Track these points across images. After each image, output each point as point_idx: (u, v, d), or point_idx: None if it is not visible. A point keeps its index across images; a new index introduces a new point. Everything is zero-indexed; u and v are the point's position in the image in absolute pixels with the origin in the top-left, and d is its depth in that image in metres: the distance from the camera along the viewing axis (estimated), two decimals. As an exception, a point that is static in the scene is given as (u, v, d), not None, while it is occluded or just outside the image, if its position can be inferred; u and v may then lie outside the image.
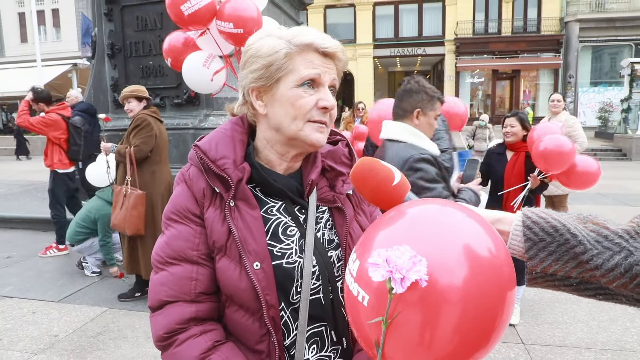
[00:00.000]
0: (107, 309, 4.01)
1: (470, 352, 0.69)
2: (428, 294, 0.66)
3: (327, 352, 1.04)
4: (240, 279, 0.96)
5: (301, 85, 0.96)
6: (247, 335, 1.01)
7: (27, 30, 26.57)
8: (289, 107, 0.97)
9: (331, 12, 25.90)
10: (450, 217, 0.76)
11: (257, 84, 1.00)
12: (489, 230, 0.75)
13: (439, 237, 0.71)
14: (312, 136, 0.98)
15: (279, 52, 0.96)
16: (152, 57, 6.23)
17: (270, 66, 0.97)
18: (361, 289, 0.72)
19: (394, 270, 0.64)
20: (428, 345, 0.67)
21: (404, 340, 0.68)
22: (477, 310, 0.67)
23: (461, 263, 0.68)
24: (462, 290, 0.67)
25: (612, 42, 23.05)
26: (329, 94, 0.98)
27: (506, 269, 0.72)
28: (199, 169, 1.02)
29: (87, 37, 14.81)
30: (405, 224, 0.77)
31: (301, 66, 0.96)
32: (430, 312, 0.66)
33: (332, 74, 1.00)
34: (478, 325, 0.68)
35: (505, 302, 0.71)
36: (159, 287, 1.00)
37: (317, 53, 0.98)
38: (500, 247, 0.73)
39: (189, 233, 1.00)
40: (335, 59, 1.01)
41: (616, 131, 17.61)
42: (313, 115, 0.97)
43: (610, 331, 3.52)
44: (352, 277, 0.76)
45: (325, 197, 1.07)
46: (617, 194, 9.08)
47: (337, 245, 1.06)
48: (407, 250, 0.65)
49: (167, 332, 0.98)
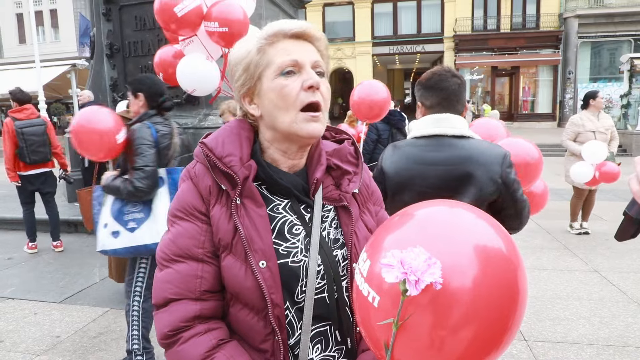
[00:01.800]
0: (109, 310, 4.01)
1: (482, 355, 0.68)
2: (439, 296, 0.65)
3: (331, 352, 1.04)
4: (245, 277, 0.96)
5: (281, 74, 0.96)
6: (252, 334, 1.00)
7: (25, 31, 26.52)
8: (276, 98, 0.97)
9: (330, 10, 25.86)
10: (460, 218, 0.75)
11: (244, 88, 1.02)
12: (499, 230, 0.74)
13: (450, 238, 0.70)
14: (305, 128, 0.97)
15: (251, 51, 0.99)
16: (150, 56, 6.20)
17: (248, 67, 0.99)
18: (372, 289, 0.72)
19: (409, 272, 0.63)
20: (439, 348, 0.66)
21: (414, 343, 0.68)
22: (489, 312, 0.66)
23: (473, 265, 0.67)
24: (473, 292, 0.66)
25: (611, 38, 23.03)
26: (312, 73, 0.97)
27: (518, 270, 0.71)
28: (205, 166, 1.02)
29: (85, 37, 14.79)
30: (416, 225, 0.76)
31: (275, 57, 0.97)
32: (442, 315, 0.66)
33: (312, 55, 0.99)
34: (490, 327, 0.67)
35: (518, 303, 0.70)
36: (164, 284, 0.99)
37: (288, 38, 0.98)
38: (510, 248, 0.72)
39: (195, 230, 1.00)
40: (310, 39, 1.01)
41: (616, 127, 17.60)
42: (302, 99, 0.95)
43: (613, 327, 3.52)
44: (362, 277, 0.75)
45: (331, 196, 1.06)
46: (617, 190, 9.06)
47: (343, 245, 1.05)
48: (422, 252, 0.64)
49: (172, 330, 0.97)
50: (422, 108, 1.96)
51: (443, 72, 1.90)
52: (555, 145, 16.63)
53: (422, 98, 1.94)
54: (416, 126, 1.94)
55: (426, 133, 1.87)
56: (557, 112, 23.97)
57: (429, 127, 1.87)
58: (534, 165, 2.38)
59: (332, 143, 1.14)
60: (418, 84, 1.96)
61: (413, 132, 1.95)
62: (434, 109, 1.90)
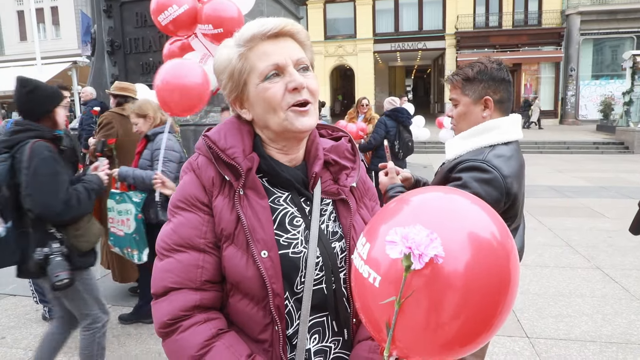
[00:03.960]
0: (110, 306, 4.00)
1: (473, 336, 0.71)
2: (434, 278, 0.68)
3: (328, 343, 1.06)
4: (247, 267, 0.97)
5: (265, 79, 0.98)
6: (251, 324, 1.01)
7: (26, 28, 26.51)
8: (263, 102, 0.99)
9: (331, 7, 25.80)
10: (454, 204, 0.77)
11: (233, 95, 1.04)
12: (493, 216, 0.76)
13: (443, 224, 0.72)
14: (296, 123, 0.98)
15: (232, 58, 1.00)
16: (152, 53, 6.19)
17: (232, 75, 1.01)
18: (372, 270, 0.73)
19: (413, 247, 0.65)
20: (434, 329, 0.69)
21: (412, 324, 0.70)
22: (481, 295, 0.69)
23: (466, 249, 0.70)
24: (467, 276, 0.68)
25: (614, 35, 22.94)
26: (295, 74, 0.98)
27: (510, 255, 0.73)
28: (207, 158, 1.04)
29: (87, 35, 14.75)
30: (411, 211, 0.78)
31: (257, 62, 0.98)
32: (438, 297, 0.68)
33: (293, 53, 1.00)
34: (482, 310, 0.70)
35: (509, 288, 0.72)
36: (164, 273, 1.00)
37: (265, 40, 0.98)
38: (504, 233, 0.74)
39: (197, 221, 1.01)
40: (289, 35, 1.01)
41: (618, 124, 17.53)
42: (288, 101, 0.98)
43: (615, 324, 3.51)
44: (362, 259, 0.77)
45: (330, 189, 1.09)
46: (619, 187, 9.06)
47: (341, 237, 1.08)
48: (422, 229, 0.67)
49: (171, 319, 0.97)
50: (490, 102, 1.71)
51: (502, 63, 1.73)
52: (557, 142, 16.63)
53: (488, 91, 1.70)
54: (509, 128, 1.70)
55: (519, 137, 1.72)
56: (559, 110, 23.91)
57: (518, 130, 1.73)
58: None
59: (329, 140, 1.16)
60: (481, 73, 1.70)
61: (508, 134, 1.69)
62: (504, 104, 1.73)
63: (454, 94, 1.79)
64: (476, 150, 1.67)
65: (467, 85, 1.73)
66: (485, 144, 1.67)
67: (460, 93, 1.75)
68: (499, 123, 1.69)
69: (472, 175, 1.57)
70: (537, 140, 16.65)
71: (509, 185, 1.58)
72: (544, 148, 16.06)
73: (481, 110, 1.72)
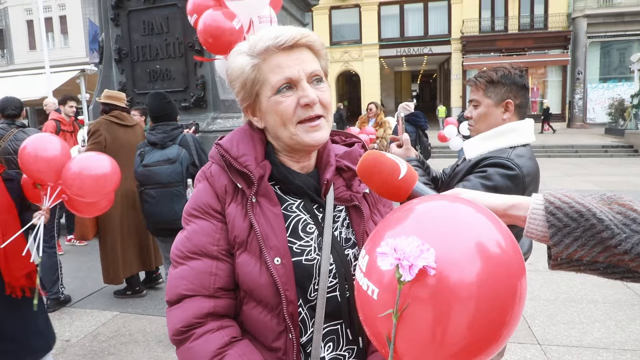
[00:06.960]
0: (118, 314, 4.01)
1: (481, 348, 0.69)
2: (438, 290, 0.66)
3: (342, 351, 1.05)
4: (260, 274, 0.97)
5: (277, 92, 0.97)
6: (265, 332, 1.01)
7: (35, 38, 26.88)
8: (275, 115, 0.99)
9: (336, 13, 25.91)
10: (458, 213, 0.76)
11: (245, 103, 1.04)
12: (498, 224, 0.75)
13: (447, 233, 0.71)
14: (306, 138, 0.99)
15: (245, 69, 1.00)
16: (159, 61, 6.24)
17: (245, 84, 1.01)
18: (371, 282, 0.73)
19: (402, 258, 0.64)
20: (440, 342, 0.68)
21: (415, 337, 0.69)
22: (488, 306, 0.67)
23: (470, 258, 0.68)
24: (472, 286, 0.67)
25: (621, 37, 22.83)
26: (308, 89, 0.97)
27: (516, 264, 0.72)
28: (220, 167, 1.05)
29: (95, 43, 14.91)
30: (412, 221, 0.77)
31: (270, 74, 0.97)
32: (441, 309, 0.67)
33: (307, 65, 0.99)
34: (489, 321, 0.68)
35: (516, 297, 0.70)
36: (178, 281, 1.00)
37: (280, 52, 0.97)
38: (509, 242, 0.73)
39: (210, 228, 1.02)
40: (304, 46, 1.00)
41: (627, 127, 17.39)
42: (300, 116, 0.98)
43: (629, 330, 3.44)
44: (361, 272, 0.76)
45: (342, 196, 1.08)
46: (630, 191, 8.96)
47: (354, 244, 1.08)
48: (415, 239, 0.66)
49: (185, 326, 0.97)
50: (511, 105, 1.78)
51: (523, 70, 1.82)
52: (566, 146, 16.50)
53: (510, 95, 1.77)
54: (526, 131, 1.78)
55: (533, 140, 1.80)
56: (567, 113, 23.77)
57: (532, 133, 1.81)
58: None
59: (342, 147, 1.16)
60: (505, 77, 1.76)
61: (525, 136, 1.77)
62: (522, 109, 1.81)
63: (476, 96, 1.85)
64: (499, 150, 1.74)
65: (490, 88, 1.79)
66: (506, 145, 1.74)
67: (482, 95, 1.82)
68: (517, 126, 1.77)
69: (496, 170, 1.64)
70: (545, 144, 16.52)
71: (527, 184, 1.65)
72: (552, 152, 15.93)
73: (502, 112, 1.79)
